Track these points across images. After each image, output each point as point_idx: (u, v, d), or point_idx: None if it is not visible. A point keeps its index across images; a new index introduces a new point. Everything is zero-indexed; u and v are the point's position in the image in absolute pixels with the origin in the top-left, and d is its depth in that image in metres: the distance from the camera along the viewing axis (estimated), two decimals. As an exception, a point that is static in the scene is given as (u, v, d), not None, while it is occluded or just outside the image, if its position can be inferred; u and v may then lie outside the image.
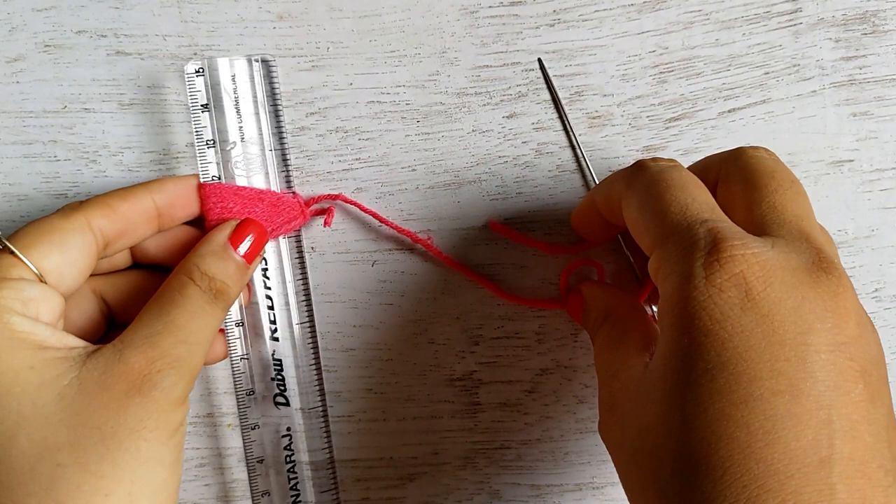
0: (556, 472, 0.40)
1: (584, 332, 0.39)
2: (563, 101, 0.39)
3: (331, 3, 0.38)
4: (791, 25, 0.38)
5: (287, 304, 0.39)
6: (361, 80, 0.39)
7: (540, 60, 0.38)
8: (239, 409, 0.39)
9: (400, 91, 0.39)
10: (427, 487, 0.40)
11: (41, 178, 0.39)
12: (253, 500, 0.39)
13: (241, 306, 0.38)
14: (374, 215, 0.38)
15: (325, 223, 0.38)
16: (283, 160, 0.38)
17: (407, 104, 0.39)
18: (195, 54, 0.38)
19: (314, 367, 0.39)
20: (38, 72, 0.39)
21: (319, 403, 0.39)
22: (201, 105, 0.37)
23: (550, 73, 0.38)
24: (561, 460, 0.40)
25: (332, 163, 0.39)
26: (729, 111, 0.39)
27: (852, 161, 0.39)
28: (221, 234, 0.34)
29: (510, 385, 0.40)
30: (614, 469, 0.40)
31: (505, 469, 0.40)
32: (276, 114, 0.37)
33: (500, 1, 0.38)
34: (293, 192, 0.38)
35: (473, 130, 0.39)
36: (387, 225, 0.38)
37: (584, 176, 0.39)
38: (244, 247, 0.34)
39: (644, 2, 0.38)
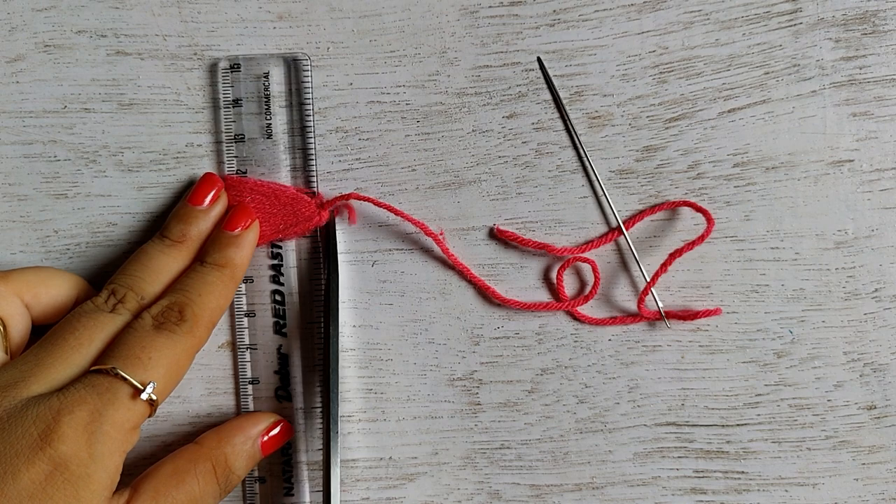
0: (556, 472, 0.40)
1: (584, 331, 0.39)
2: (563, 101, 0.39)
3: (331, 3, 0.38)
4: (791, 25, 0.38)
5: (297, 302, 0.39)
6: (361, 80, 0.39)
7: (540, 60, 0.38)
8: (240, 396, 0.39)
9: (400, 91, 0.39)
10: (427, 487, 0.40)
11: (41, 178, 0.39)
12: (245, 487, 0.39)
13: (249, 298, 0.39)
14: (389, 208, 0.38)
15: (351, 220, 0.39)
16: (306, 159, 0.38)
17: (407, 104, 0.39)
18: (195, 54, 0.38)
19: (319, 367, 0.39)
20: (38, 72, 0.39)
21: (321, 404, 0.39)
22: (233, 100, 0.38)
23: (550, 73, 0.38)
24: (561, 460, 0.40)
25: (332, 163, 0.39)
26: (729, 111, 0.39)
27: (852, 161, 0.39)
28: (255, 429, 0.37)
29: (510, 385, 0.40)
30: (614, 469, 0.40)
31: (505, 469, 0.40)
32: (303, 113, 0.38)
33: (500, 1, 0.38)
34: (314, 192, 0.38)
35: (473, 130, 0.39)
36: (401, 217, 0.38)
37: (584, 176, 0.39)
38: (271, 438, 0.37)
39: (644, 2, 0.38)
